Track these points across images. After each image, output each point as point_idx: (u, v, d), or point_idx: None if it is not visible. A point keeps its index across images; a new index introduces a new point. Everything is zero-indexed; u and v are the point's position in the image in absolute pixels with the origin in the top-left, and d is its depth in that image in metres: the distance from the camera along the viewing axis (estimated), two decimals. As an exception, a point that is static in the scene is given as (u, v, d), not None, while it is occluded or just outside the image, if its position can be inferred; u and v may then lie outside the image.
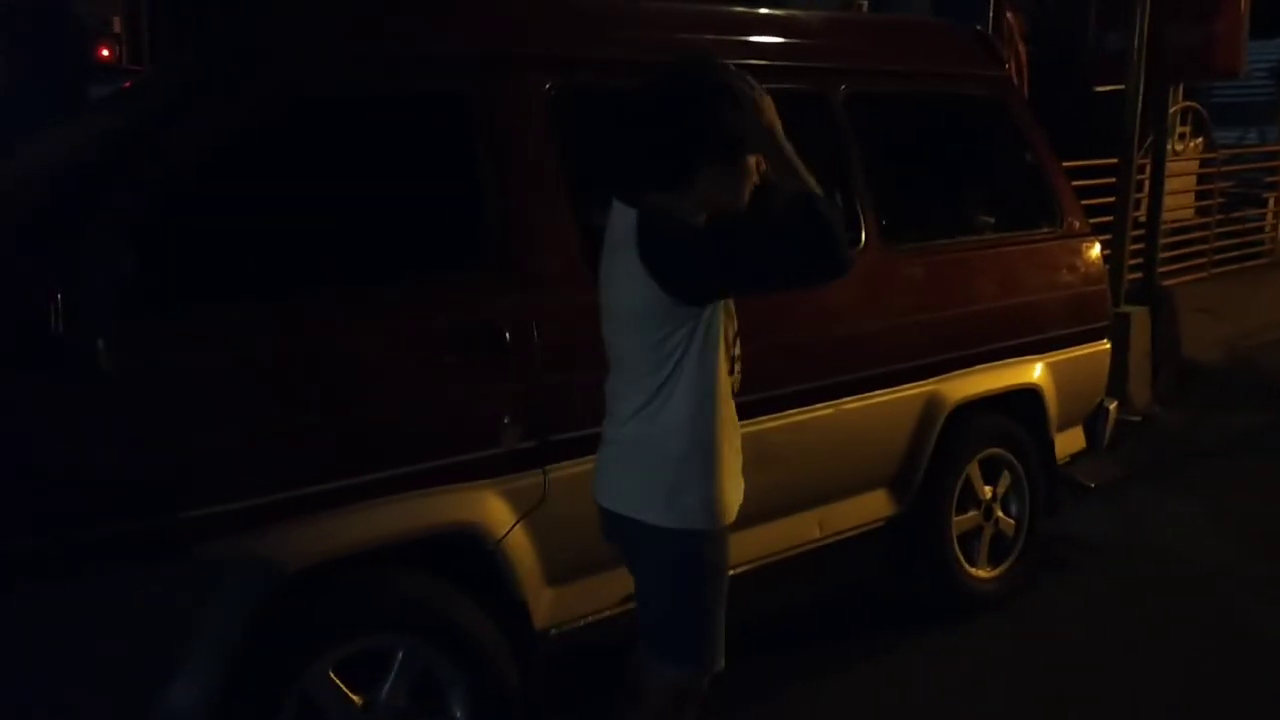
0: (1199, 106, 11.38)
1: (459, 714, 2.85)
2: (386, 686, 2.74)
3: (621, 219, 2.34)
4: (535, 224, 2.98)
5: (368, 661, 2.73)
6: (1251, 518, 5.21)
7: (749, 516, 3.01)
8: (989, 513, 4.16)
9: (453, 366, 2.79)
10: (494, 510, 2.85)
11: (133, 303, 2.34)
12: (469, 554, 2.88)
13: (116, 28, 6.01)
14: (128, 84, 4.34)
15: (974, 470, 4.10)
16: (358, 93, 2.83)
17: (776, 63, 3.65)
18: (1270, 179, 12.46)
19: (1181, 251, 10.61)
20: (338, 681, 2.68)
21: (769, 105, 2.33)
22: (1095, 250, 4.49)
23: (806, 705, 3.51)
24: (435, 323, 2.80)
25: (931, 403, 3.84)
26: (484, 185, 2.93)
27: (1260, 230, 12.11)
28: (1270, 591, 4.39)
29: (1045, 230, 4.34)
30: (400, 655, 2.75)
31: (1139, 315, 6.96)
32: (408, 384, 2.74)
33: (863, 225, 3.68)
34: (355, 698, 2.71)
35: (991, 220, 4.19)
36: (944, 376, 3.87)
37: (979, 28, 4.54)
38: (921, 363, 3.80)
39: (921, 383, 3.81)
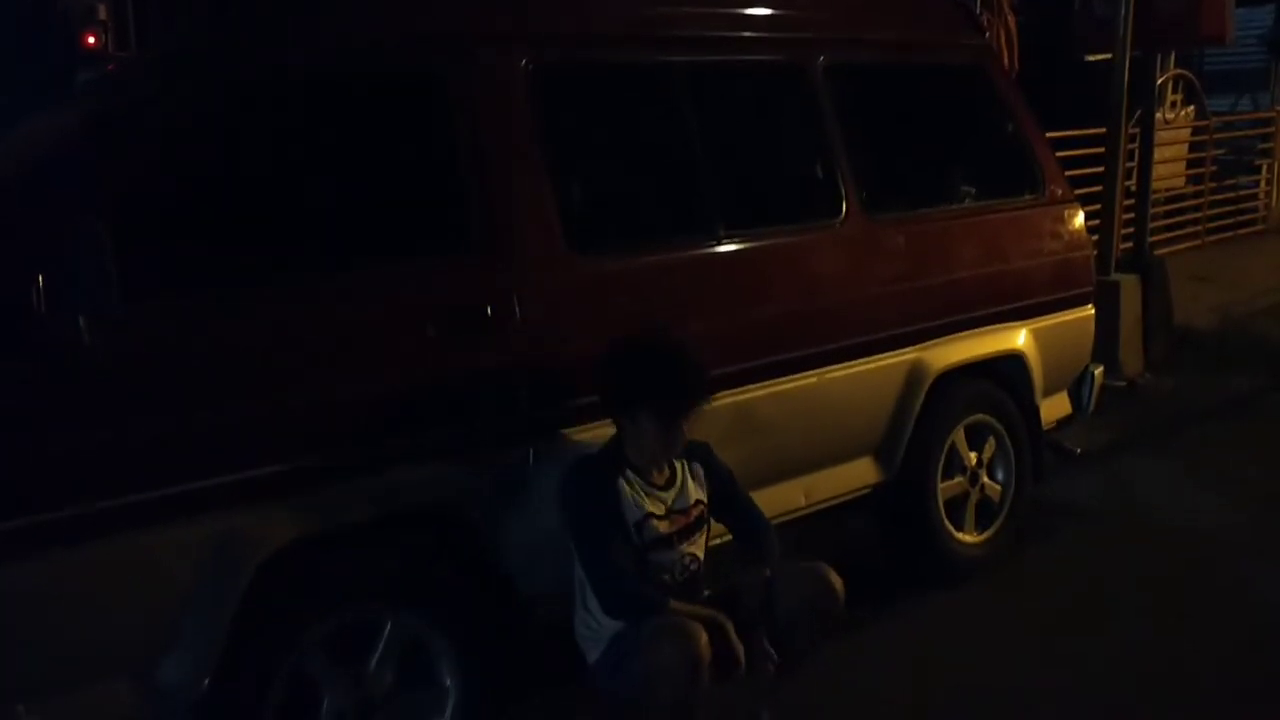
0: (1190, 74, 11.35)
1: (448, 682, 2.90)
2: (375, 657, 2.78)
3: None
4: (517, 202, 3.00)
5: (357, 633, 2.78)
6: (1241, 481, 5.23)
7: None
8: (975, 479, 4.20)
9: (437, 345, 2.82)
10: (479, 482, 2.89)
11: (115, 284, 2.37)
12: (456, 525, 2.92)
13: (102, 15, 6.02)
14: (111, 67, 4.36)
15: (959, 437, 4.13)
16: (337, 73, 2.85)
17: (754, 34, 3.67)
18: (1263, 146, 12.44)
19: (1175, 220, 10.62)
20: (328, 653, 2.73)
21: None
22: (1079, 217, 4.51)
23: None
24: (418, 303, 2.82)
25: (915, 370, 3.87)
26: (464, 163, 2.95)
27: (1254, 198, 12.11)
28: (1260, 553, 4.42)
29: (1028, 197, 4.36)
30: (388, 626, 2.80)
31: (1129, 283, 6.99)
32: (390, 363, 2.77)
33: (844, 195, 3.70)
34: (346, 668, 2.76)
35: (973, 189, 4.21)
36: (927, 344, 3.90)
37: (961, -3, 4.55)
38: (905, 330, 3.83)
39: (905, 350, 3.84)
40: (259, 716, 2.61)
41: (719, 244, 3.38)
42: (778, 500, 3.60)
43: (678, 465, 2.98)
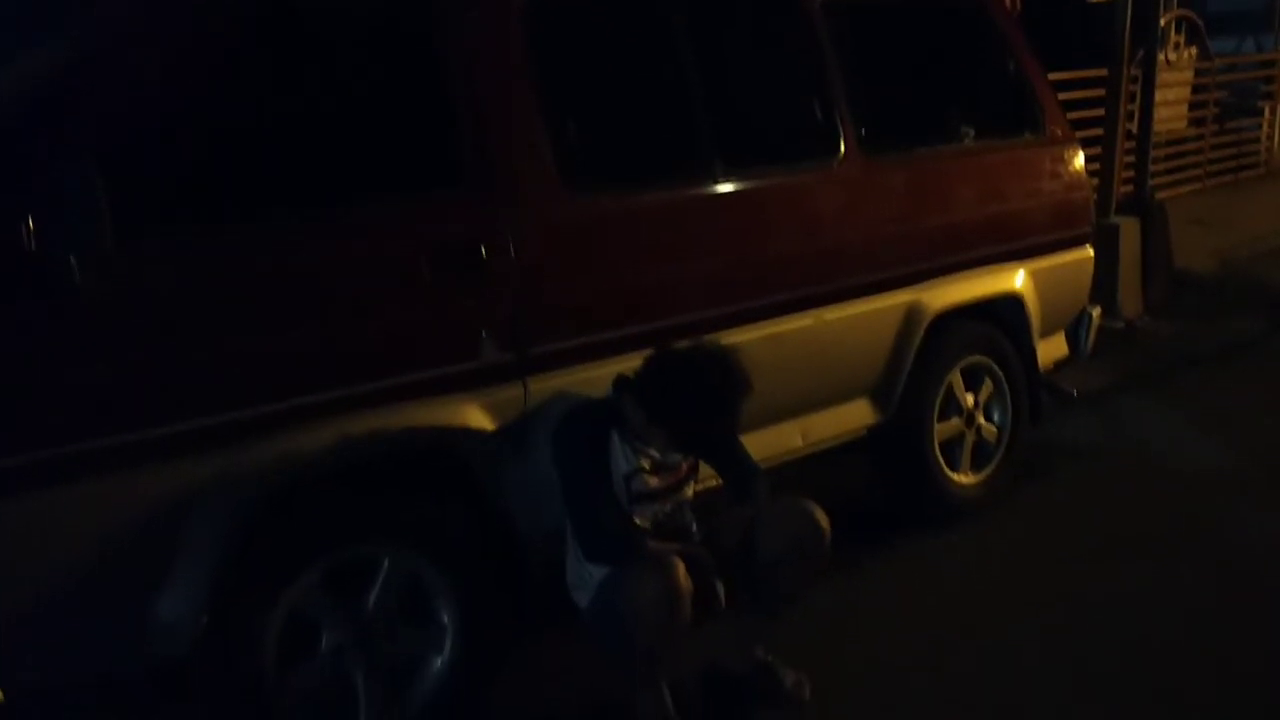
0: (1193, 15, 11.22)
1: (447, 620, 2.92)
2: (373, 594, 2.80)
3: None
4: (512, 140, 2.97)
5: (356, 570, 2.79)
6: (1237, 424, 5.24)
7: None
8: (971, 420, 4.21)
9: (432, 283, 2.80)
10: (475, 420, 2.88)
11: (107, 221, 2.35)
12: (453, 464, 2.92)
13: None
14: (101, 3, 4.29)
15: (956, 378, 4.13)
16: (328, 6, 2.81)
17: (752, -31, 3.62)
18: (1266, 89, 12.34)
19: (1176, 163, 10.55)
20: (326, 590, 2.74)
21: None
22: (1078, 157, 4.48)
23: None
24: (413, 240, 2.80)
25: (913, 311, 3.86)
26: (459, 100, 2.91)
27: (1255, 141, 12.02)
28: (1255, 495, 4.44)
29: (1027, 137, 4.33)
30: (386, 564, 2.81)
31: (1129, 225, 6.96)
32: (385, 300, 2.75)
33: (842, 134, 3.67)
34: (344, 605, 2.77)
35: (972, 128, 4.16)
36: (925, 284, 3.88)
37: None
38: (902, 271, 3.81)
39: (902, 291, 3.82)
40: (259, 651, 2.64)
41: (716, 183, 3.35)
42: (775, 441, 3.61)
43: None
